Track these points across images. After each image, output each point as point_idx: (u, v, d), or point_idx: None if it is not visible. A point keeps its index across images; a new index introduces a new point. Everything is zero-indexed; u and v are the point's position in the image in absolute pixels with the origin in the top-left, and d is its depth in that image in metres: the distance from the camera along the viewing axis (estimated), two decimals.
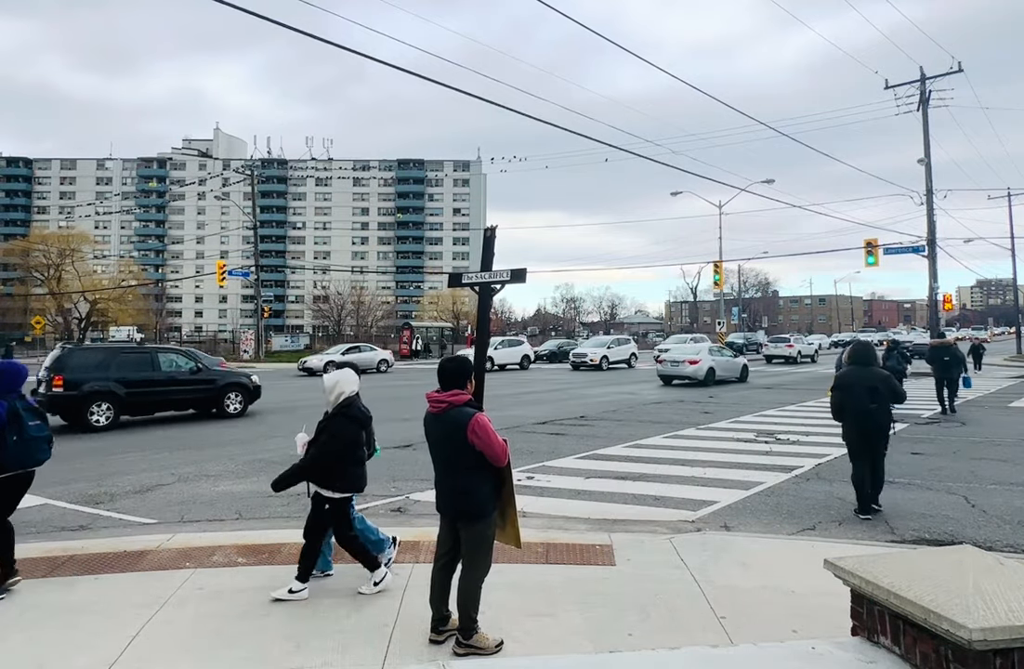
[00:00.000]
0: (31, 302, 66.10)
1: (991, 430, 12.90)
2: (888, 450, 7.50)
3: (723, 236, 51.54)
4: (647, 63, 25.59)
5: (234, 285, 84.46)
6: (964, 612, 2.45)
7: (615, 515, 7.13)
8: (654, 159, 19.67)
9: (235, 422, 15.00)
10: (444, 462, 4.10)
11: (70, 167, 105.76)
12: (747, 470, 9.24)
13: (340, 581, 5.12)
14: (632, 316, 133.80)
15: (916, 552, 4.04)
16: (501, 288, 5.69)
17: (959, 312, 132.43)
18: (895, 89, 29.31)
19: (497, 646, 3.97)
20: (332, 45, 9.68)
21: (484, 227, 5.78)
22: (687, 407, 16.99)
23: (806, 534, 6.55)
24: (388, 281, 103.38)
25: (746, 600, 4.69)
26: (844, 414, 7.36)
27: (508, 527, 4.22)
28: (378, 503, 7.74)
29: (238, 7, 8.35)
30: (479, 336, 5.80)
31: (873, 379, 7.25)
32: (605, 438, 12.00)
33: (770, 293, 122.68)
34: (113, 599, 4.79)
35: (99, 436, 13.10)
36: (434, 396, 4.10)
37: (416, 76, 10.92)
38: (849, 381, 7.39)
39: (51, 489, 8.40)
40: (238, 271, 48.16)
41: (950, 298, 34.39)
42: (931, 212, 28.91)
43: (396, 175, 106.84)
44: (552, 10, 11.16)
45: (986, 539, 6.24)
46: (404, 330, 51.13)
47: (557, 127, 13.91)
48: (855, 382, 7.30)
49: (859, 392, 7.20)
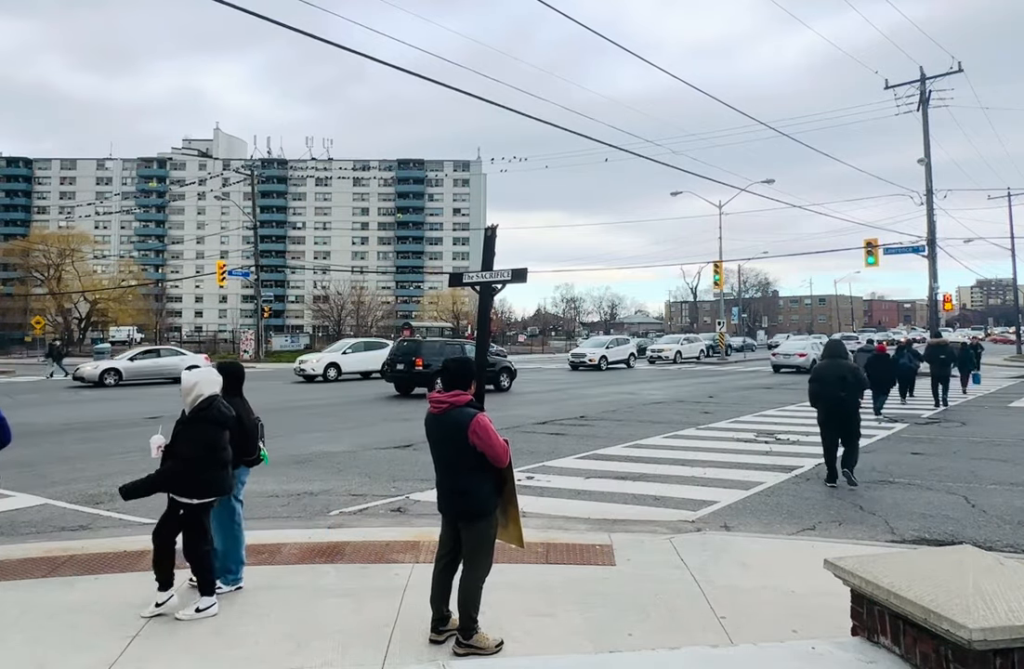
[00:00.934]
0: (31, 302, 66.06)
1: (991, 430, 12.90)
2: (888, 450, 7.54)
3: (723, 236, 51.57)
4: (647, 63, 25.59)
5: (234, 285, 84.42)
6: (964, 612, 2.45)
7: (615, 515, 7.13)
8: (654, 159, 19.69)
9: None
10: (445, 462, 4.11)
11: (70, 167, 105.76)
12: (747, 470, 9.24)
13: (340, 582, 5.12)
14: (632, 316, 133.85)
15: (916, 552, 4.05)
16: (502, 288, 5.69)
17: (959, 312, 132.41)
18: (895, 89, 29.35)
19: (497, 646, 3.96)
20: (332, 45, 9.69)
21: (484, 227, 5.76)
22: (687, 407, 16.99)
23: (806, 534, 6.55)
24: (388, 281, 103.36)
25: (746, 600, 4.68)
26: (818, 402, 8.52)
27: (510, 526, 4.22)
28: (378, 503, 7.74)
29: (238, 7, 8.36)
30: (479, 336, 5.81)
31: (843, 370, 8.36)
32: (605, 438, 11.99)
33: (770, 293, 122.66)
34: (113, 599, 4.78)
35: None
36: (435, 396, 4.10)
37: (416, 76, 10.92)
38: (822, 373, 8.53)
39: (51, 489, 8.40)
40: (238, 271, 48.15)
41: (950, 298, 34.40)
42: (931, 212, 28.92)
43: (396, 175, 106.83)
44: (552, 10, 11.17)
45: (986, 539, 6.23)
46: (404, 330, 51.15)
47: (557, 127, 13.92)
48: (827, 373, 8.42)
49: (831, 382, 8.30)
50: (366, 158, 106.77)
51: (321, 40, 9.56)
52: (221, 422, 4.61)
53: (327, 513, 7.37)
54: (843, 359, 8.75)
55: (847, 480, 8.35)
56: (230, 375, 5.09)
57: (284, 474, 9.35)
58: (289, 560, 5.61)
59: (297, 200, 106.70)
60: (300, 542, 6.05)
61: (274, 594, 4.86)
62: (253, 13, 8.59)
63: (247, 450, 5.02)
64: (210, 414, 4.57)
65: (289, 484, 8.75)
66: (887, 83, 29.51)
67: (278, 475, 9.29)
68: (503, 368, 23.08)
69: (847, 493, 8.04)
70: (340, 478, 9.06)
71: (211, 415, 4.57)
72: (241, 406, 5.01)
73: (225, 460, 4.66)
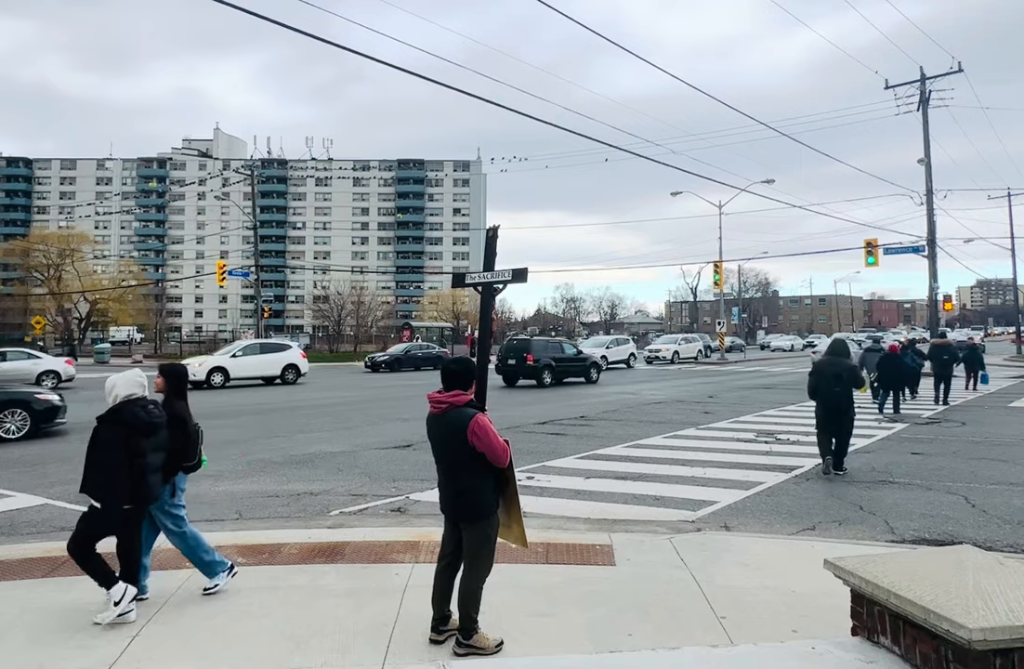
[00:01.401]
0: (31, 302, 66.03)
1: (991, 430, 12.89)
2: (888, 450, 7.54)
3: (723, 236, 51.55)
4: (647, 63, 25.59)
5: (234, 285, 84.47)
6: (964, 612, 2.45)
7: (615, 515, 7.13)
8: (654, 159, 19.69)
9: (236, 421, 14.99)
10: (445, 463, 4.10)
11: (70, 167, 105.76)
12: (747, 470, 9.24)
13: (340, 582, 5.12)
14: (632, 316, 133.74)
15: (916, 552, 4.05)
16: (503, 288, 5.69)
17: (959, 312, 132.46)
18: (895, 89, 29.36)
19: (497, 646, 3.96)
20: (332, 45, 9.69)
21: (486, 227, 5.75)
22: (687, 407, 16.99)
23: (806, 534, 6.54)
24: (388, 281, 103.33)
25: (746, 600, 4.68)
26: (816, 395, 9.19)
27: (513, 526, 4.22)
28: (378, 503, 7.74)
29: (238, 7, 8.36)
30: (481, 336, 5.81)
31: (840, 367, 9.01)
32: (605, 438, 11.99)
33: (770, 293, 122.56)
34: None
35: None
36: (435, 397, 4.10)
37: (416, 76, 10.93)
38: (821, 368, 9.22)
39: (51, 489, 8.40)
40: (238, 271, 48.10)
41: (950, 298, 34.41)
42: (931, 212, 28.92)
43: (396, 175, 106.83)
44: (553, 10, 11.17)
45: (986, 539, 6.23)
46: (404, 330, 51.26)
47: (557, 127, 13.92)
48: (826, 369, 9.10)
49: (828, 378, 9.00)
50: (366, 158, 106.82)
51: (321, 40, 9.56)
52: (135, 425, 4.32)
53: (327, 513, 7.37)
54: (843, 357, 9.28)
55: (836, 466, 8.97)
56: (171, 377, 4.92)
57: (284, 474, 9.36)
58: (289, 560, 5.61)
59: (297, 200, 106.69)
60: (300, 542, 6.05)
61: (274, 594, 4.86)
62: (253, 13, 8.59)
63: (187, 455, 4.80)
64: (122, 417, 4.33)
65: (289, 484, 8.75)
66: (887, 83, 29.53)
67: (278, 475, 9.30)
68: (592, 362, 26.04)
69: (847, 493, 8.04)
70: (340, 478, 9.06)
71: (123, 418, 4.32)
72: (185, 410, 4.84)
73: (141, 467, 4.33)
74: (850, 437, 9.24)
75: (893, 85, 29.37)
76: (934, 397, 17.44)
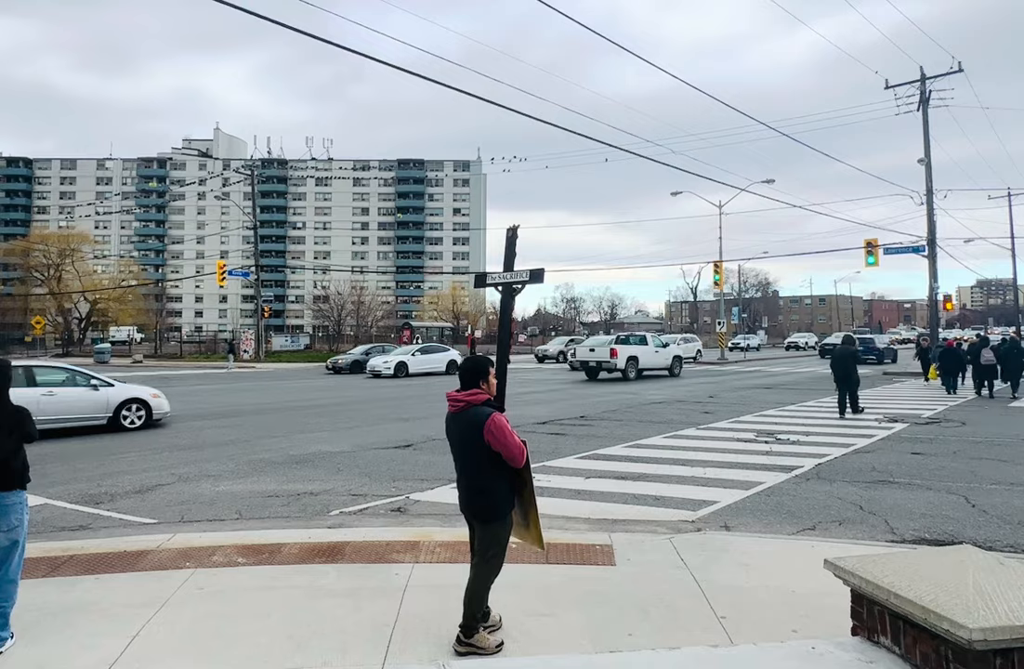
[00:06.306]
0: (31, 302, 66.05)
1: (991, 430, 12.89)
2: (888, 450, 7.52)
3: (723, 236, 51.57)
4: (648, 63, 25.58)
5: (234, 285, 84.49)
6: (964, 612, 2.45)
7: (615, 515, 7.12)
8: (654, 159, 19.68)
9: (237, 421, 15.00)
10: (462, 461, 4.11)
11: (70, 167, 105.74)
12: (747, 470, 9.23)
13: (340, 582, 5.12)
14: (632, 316, 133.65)
15: (916, 552, 4.05)
16: (522, 288, 5.74)
17: (959, 312, 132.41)
18: (895, 89, 29.27)
19: (497, 646, 3.97)
20: (332, 45, 9.69)
21: (506, 228, 5.78)
22: (687, 407, 16.99)
23: (806, 534, 6.54)
24: (388, 281, 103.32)
25: (746, 600, 4.68)
26: (832, 369, 15.59)
27: (531, 528, 4.22)
28: (378, 503, 7.74)
29: (238, 7, 8.35)
30: (501, 335, 5.85)
31: (846, 353, 15.63)
32: (605, 438, 11.99)
33: (770, 293, 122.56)
34: (113, 599, 4.78)
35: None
36: (453, 395, 4.11)
37: (416, 76, 10.92)
38: (835, 353, 16.08)
39: (51, 489, 8.41)
40: (238, 271, 48.14)
41: (950, 298, 34.46)
42: (931, 212, 28.88)
43: (396, 175, 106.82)
44: (553, 10, 11.16)
45: (986, 539, 6.23)
46: (404, 330, 51.25)
47: (558, 127, 13.92)
48: (837, 353, 15.91)
49: (838, 358, 15.65)
50: (366, 158, 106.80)
51: (321, 40, 9.56)
52: None
53: (327, 513, 7.36)
54: (852, 346, 16.26)
55: (852, 410, 14.91)
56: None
57: (284, 474, 9.36)
58: (289, 560, 5.61)
59: (297, 200, 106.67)
60: (300, 542, 6.05)
61: (274, 594, 4.86)
62: (253, 13, 8.58)
63: None
64: None
65: (289, 484, 8.75)
66: (887, 83, 29.47)
67: (278, 475, 9.30)
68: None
69: (847, 493, 8.04)
70: (340, 478, 9.06)
71: None
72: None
73: None
74: (856, 389, 15.17)
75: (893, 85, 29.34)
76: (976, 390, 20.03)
